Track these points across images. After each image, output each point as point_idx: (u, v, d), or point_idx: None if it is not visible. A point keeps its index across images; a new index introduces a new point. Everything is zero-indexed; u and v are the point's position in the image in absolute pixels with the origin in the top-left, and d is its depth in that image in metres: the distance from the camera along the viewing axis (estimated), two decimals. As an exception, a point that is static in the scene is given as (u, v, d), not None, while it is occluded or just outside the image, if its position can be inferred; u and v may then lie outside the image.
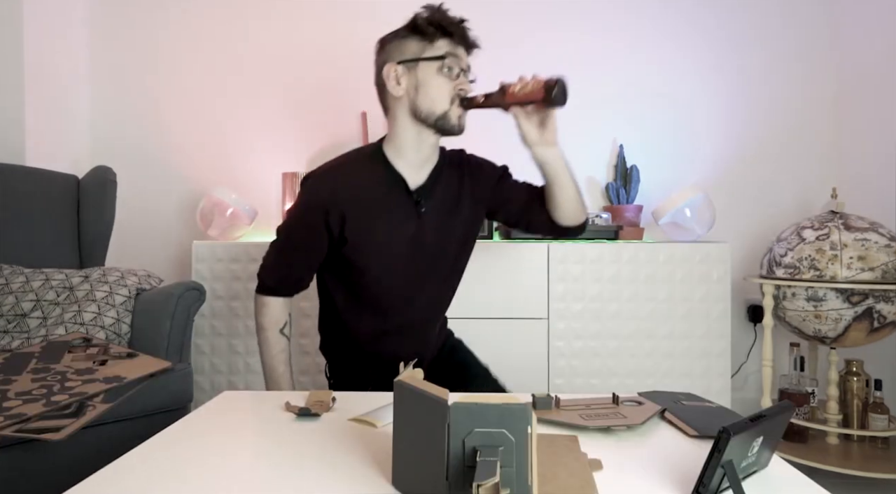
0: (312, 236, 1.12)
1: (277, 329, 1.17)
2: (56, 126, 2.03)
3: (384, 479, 0.66)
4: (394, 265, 1.14)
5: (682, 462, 0.73)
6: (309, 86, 2.17)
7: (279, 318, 1.17)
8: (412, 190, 1.14)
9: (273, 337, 1.17)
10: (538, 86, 1.01)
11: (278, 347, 1.17)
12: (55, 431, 1.00)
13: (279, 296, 1.18)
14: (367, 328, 1.19)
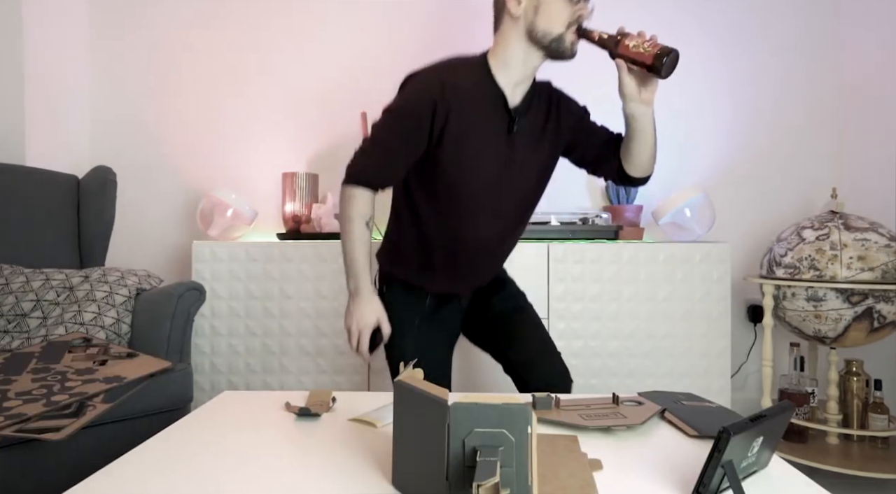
0: (417, 128, 1.10)
1: (364, 220, 1.15)
2: (56, 126, 2.03)
3: (384, 479, 0.66)
4: (482, 177, 1.14)
5: (682, 462, 0.73)
6: (309, 86, 2.17)
7: (366, 211, 1.15)
8: (510, 107, 1.14)
9: (359, 228, 1.14)
10: (651, 51, 1.03)
11: (362, 239, 1.15)
12: (55, 431, 1.00)
13: (369, 189, 1.15)
14: (443, 242, 1.19)
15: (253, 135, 2.18)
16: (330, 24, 2.17)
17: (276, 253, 1.81)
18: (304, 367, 1.81)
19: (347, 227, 1.15)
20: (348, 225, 1.15)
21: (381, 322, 1.16)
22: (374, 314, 1.15)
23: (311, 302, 1.80)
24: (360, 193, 1.14)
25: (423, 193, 1.18)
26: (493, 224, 1.20)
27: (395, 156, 1.13)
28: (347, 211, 1.15)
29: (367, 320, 1.14)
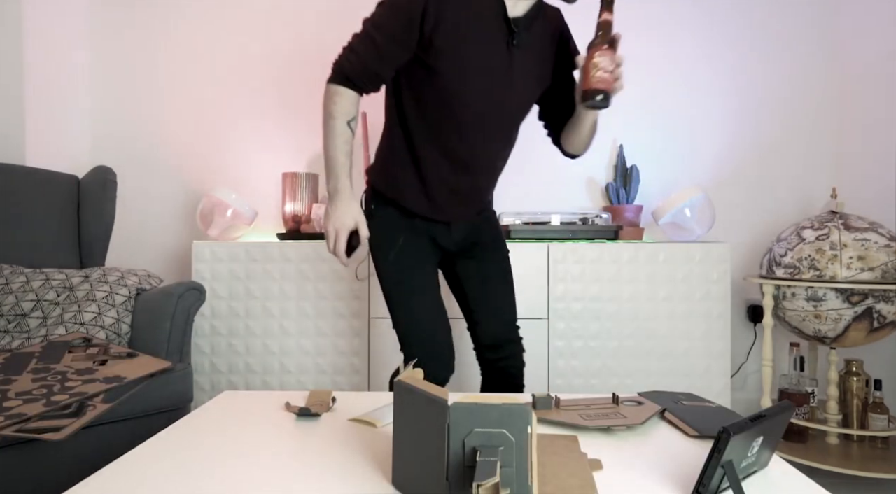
0: (406, 27, 1.09)
1: (346, 120, 1.14)
2: (56, 126, 2.03)
3: (384, 479, 0.66)
4: (476, 89, 1.13)
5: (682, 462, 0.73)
6: (309, 86, 2.17)
7: (349, 110, 1.14)
8: (510, 17, 1.12)
9: (340, 126, 1.13)
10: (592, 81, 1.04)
11: (343, 137, 1.14)
12: (55, 431, 1.00)
13: (353, 89, 1.14)
14: (433, 158, 1.18)
15: (253, 135, 2.18)
16: (330, 23, 2.17)
17: (276, 253, 1.81)
18: (304, 367, 1.81)
19: (329, 125, 1.14)
20: (330, 122, 1.13)
21: (359, 225, 1.15)
22: (352, 216, 1.14)
23: (311, 302, 1.80)
24: (343, 92, 1.13)
25: (415, 106, 1.16)
26: (484, 141, 1.19)
27: (383, 54, 1.11)
28: (329, 108, 1.13)
29: (345, 221, 1.13)
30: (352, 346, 1.80)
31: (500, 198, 2.16)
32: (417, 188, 1.21)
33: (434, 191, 1.21)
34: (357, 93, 1.15)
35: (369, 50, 1.11)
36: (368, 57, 1.11)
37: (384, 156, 1.25)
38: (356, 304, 1.80)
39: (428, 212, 1.23)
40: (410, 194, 1.22)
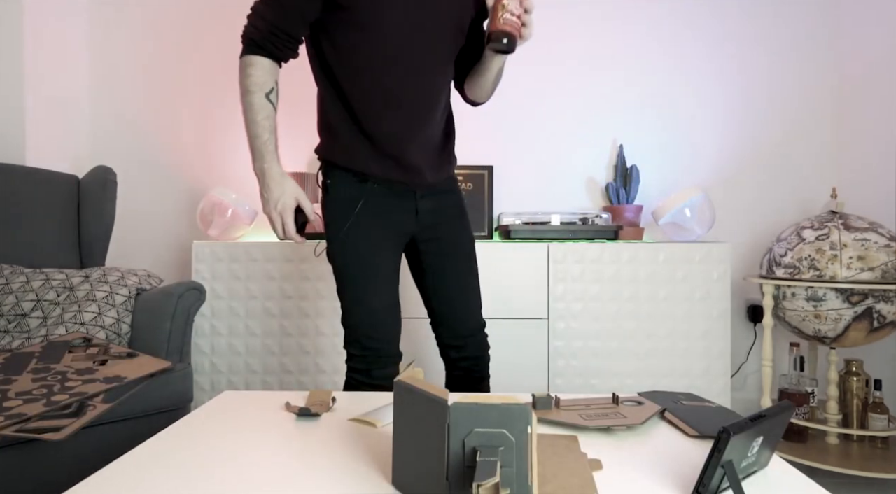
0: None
1: (263, 92, 1.07)
2: (56, 126, 2.03)
3: (384, 479, 0.66)
4: (391, 16, 1.06)
5: (682, 462, 0.73)
6: (309, 86, 2.17)
7: (265, 81, 1.07)
8: None
9: (258, 100, 1.07)
10: (495, 24, 1.02)
11: (263, 113, 1.07)
12: (55, 431, 1.01)
13: (265, 56, 1.07)
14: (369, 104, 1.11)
15: (253, 135, 2.17)
16: (330, 24, 2.16)
17: (276, 253, 1.81)
18: (304, 367, 1.81)
19: (246, 101, 1.07)
20: (246, 98, 1.07)
21: (300, 199, 1.10)
22: (290, 193, 1.09)
23: (310, 302, 1.80)
24: (256, 61, 1.06)
25: (337, 55, 1.10)
26: (417, 74, 1.11)
27: (287, 8, 1.04)
28: (244, 83, 1.07)
29: (285, 201, 1.08)
30: (352, 346, 1.80)
31: (501, 197, 2.16)
32: (367, 145, 1.13)
33: (384, 145, 1.13)
34: (273, 62, 1.08)
35: (273, 7, 1.05)
36: (273, 15, 1.05)
37: (324, 122, 1.17)
38: (356, 304, 1.80)
39: (383, 170, 1.14)
40: (361, 154, 1.13)
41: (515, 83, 2.16)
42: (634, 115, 2.17)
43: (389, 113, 1.12)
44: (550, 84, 2.16)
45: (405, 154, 1.15)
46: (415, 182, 1.18)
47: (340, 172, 1.15)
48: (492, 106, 2.15)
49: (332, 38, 1.09)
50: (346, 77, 1.10)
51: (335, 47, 1.09)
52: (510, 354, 1.78)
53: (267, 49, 1.07)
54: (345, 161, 1.14)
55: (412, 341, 1.79)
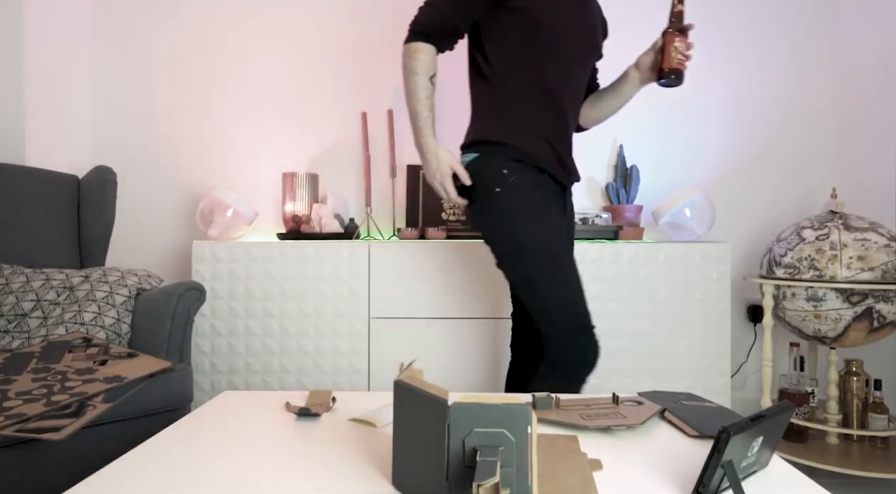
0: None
1: (428, 75, 1.16)
2: (56, 126, 2.03)
3: (384, 479, 0.66)
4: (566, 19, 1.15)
5: (682, 462, 0.73)
6: (309, 86, 2.17)
7: (430, 66, 1.16)
8: None
9: (423, 82, 1.16)
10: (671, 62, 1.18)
11: (426, 92, 1.16)
12: (55, 431, 1.00)
13: (432, 44, 1.17)
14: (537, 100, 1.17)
15: (253, 135, 2.18)
16: (330, 23, 2.17)
17: (276, 253, 1.81)
18: (304, 367, 1.81)
19: (412, 81, 1.16)
20: (412, 78, 1.16)
21: (454, 167, 1.17)
22: (446, 162, 1.16)
23: (311, 302, 1.80)
24: (423, 47, 1.15)
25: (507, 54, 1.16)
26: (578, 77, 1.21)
27: (461, 5, 1.14)
28: (411, 65, 1.15)
29: (443, 170, 1.16)
30: (352, 346, 1.80)
31: (500, 198, 2.16)
32: (539, 137, 1.18)
33: (553, 141, 1.19)
34: (436, 50, 1.17)
35: (448, 2, 1.14)
36: (448, 10, 1.14)
37: (494, 115, 1.20)
38: (356, 304, 1.80)
39: (555, 164, 1.20)
40: (537, 147, 1.18)
41: (515, 83, 2.15)
42: (634, 115, 2.17)
43: (555, 115, 1.19)
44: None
45: (563, 152, 1.21)
46: (567, 180, 1.24)
47: (519, 164, 1.17)
48: (492, 106, 2.15)
49: (501, 39, 1.17)
50: (515, 78, 1.17)
51: (505, 48, 1.16)
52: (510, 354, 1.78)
53: (435, 39, 1.16)
54: (522, 149, 1.17)
55: (412, 341, 1.79)
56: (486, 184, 1.17)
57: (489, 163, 1.18)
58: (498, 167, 1.16)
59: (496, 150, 1.18)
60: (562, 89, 1.18)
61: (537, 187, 1.17)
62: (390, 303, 1.79)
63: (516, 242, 1.15)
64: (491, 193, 1.16)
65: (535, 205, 1.16)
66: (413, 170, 2.08)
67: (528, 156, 1.17)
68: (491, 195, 1.17)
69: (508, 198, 1.15)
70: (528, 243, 1.14)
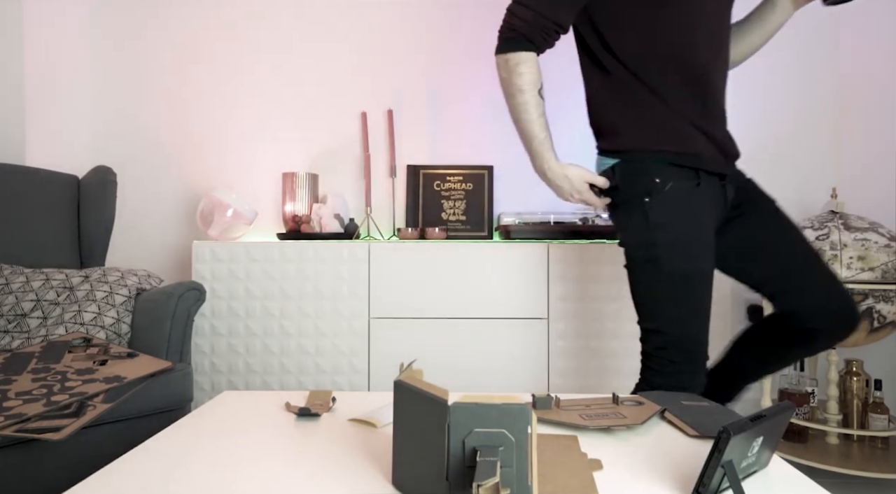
0: None
1: (536, 89, 1.03)
2: (56, 126, 2.03)
3: (384, 479, 0.66)
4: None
5: (682, 462, 0.73)
6: (309, 86, 2.17)
7: (536, 78, 1.02)
8: None
9: (533, 99, 1.02)
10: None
11: (538, 111, 1.03)
12: (55, 431, 1.00)
13: (532, 51, 1.02)
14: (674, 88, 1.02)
15: (253, 135, 2.18)
16: (330, 23, 2.17)
17: (276, 253, 1.81)
18: (304, 367, 1.81)
19: (518, 100, 1.03)
20: (519, 97, 1.02)
21: (590, 179, 1.06)
22: (577, 179, 1.06)
23: (311, 302, 1.80)
24: (525, 58, 1.01)
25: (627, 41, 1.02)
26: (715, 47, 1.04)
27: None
28: (514, 81, 1.02)
29: (577, 187, 1.06)
30: (352, 346, 1.80)
31: (501, 197, 2.16)
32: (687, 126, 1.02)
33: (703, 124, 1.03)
34: (537, 54, 1.03)
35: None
36: (543, 5, 0.99)
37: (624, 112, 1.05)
38: (356, 304, 1.80)
39: (713, 154, 1.04)
40: (689, 143, 1.02)
41: (515, 83, 2.15)
42: (634, 115, 2.16)
43: (697, 89, 1.03)
44: (549, 83, 2.16)
45: (715, 130, 1.05)
46: (727, 167, 1.08)
47: (674, 168, 1.03)
48: (492, 106, 2.15)
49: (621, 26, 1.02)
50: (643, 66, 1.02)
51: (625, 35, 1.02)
52: (510, 354, 1.78)
53: (535, 42, 1.02)
54: (676, 151, 1.03)
55: (412, 341, 1.79)
56: (635, 191, 1.05)
57: (637, 169, 1.05)
58: (650, 173, 1.03)
59: (645, 157, 1.04)
60: (703, 52, 1.01)
61: (694, 198, 1.03)
62: (390, 303, 1.79)
63: (654, 262, 1.04)
64: (639, 202, 1.04)
65: (686, 224, 1.02)
66: (413, 170, 2.08)
67: (682, 157, 1.02)
68: (639, 204, 1.04)
69: (659, 210, 1.03)
70: (666, 266, 1.03)
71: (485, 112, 2.15)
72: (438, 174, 2.08)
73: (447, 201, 2.06)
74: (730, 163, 1.09)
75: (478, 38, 2.15)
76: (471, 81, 2.15)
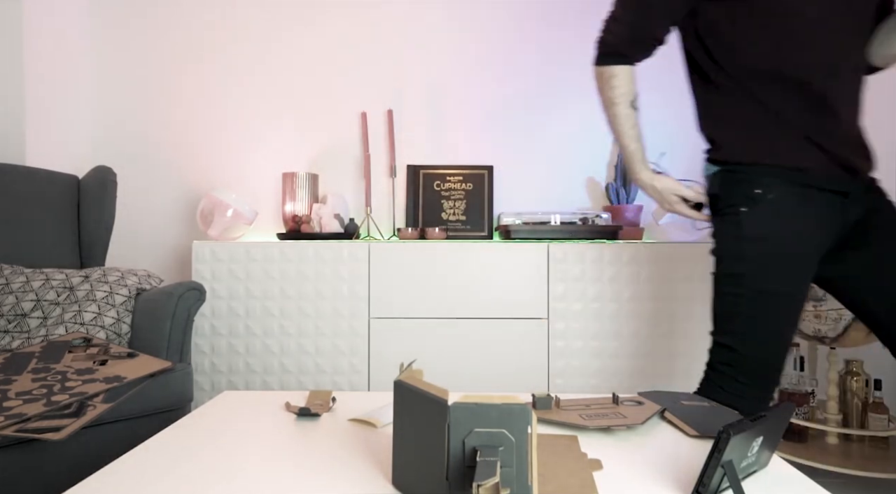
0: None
1: (629, 102, 1.04)
2: (56, 126, 2.03)
3: (384, 479, 0.66)
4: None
5: (682, 462, 0.73)
6: (309, 86, 2.17)
7: (629, 90, 1.04)
8: None
9: (625, 111, 1.04)
10: None
11: (630, 122, 1.05)
12: (55, 431, 1.00)
13: (627, 63, 1.04)
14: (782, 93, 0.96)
15: (253, 135, 2.18)
16: (330, 24, 2.17)
17: (276, 253, 1.81)
18: (304, 367, 1.81)
19: (612, 113, 1.06)
20: (612, 110, 1.05)
21: (679, 192, 1.08)
22: (668, 191, 1.08)
23: (311, 302, 1.80)
24: (618, 71, 1.03)
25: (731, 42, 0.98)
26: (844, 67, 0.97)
27: (657, 8, 0.99)
28: (608, 94, 1.04)
29: (667, 198, 1.09)
30: (352, 346, 1.80)
31: (501, 197, 2.16)
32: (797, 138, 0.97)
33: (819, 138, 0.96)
34: (632, 67, 1.05)
35: (639, 10, 1.00)
36: (637, 20, 1.00)
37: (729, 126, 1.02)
38: (356, 304, 1.80)
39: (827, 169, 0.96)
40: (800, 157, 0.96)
41: (515, 82, 2.16)
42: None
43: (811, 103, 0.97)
44: (551, 83, 2.16)
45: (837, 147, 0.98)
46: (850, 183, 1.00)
47: (778, 180, 0.98)
48: (491, 106, 2.15)
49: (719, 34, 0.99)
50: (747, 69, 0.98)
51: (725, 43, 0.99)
52: (510, 354, 1.78)
53: (630, 56, 1.04)
54: (777, 162, 0.98)
55: (412, 341, 1.79)
56: (734, 202, 1.01)
57: (737, 178, 1.01)
58: (750, 183, 0.99)
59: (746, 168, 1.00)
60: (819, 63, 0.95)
61: (796, 214, 0.97)
62: (390, 303, 1.79)
63: (739, 276, 0.99)
64: (736, 212, 1.00)
65: (782, 240, 0.96)
66: (413, 170, 2.08)
67: (785, 170, 0.97)
68: (735, 214, 1.00)
69: (754, 222, 0.98)
70: (750, 282, 0.98)
71: (485, 112, 2.15)
72: (438, 174, 2.08)
73: (447, 201, 2.06)
74: (857, 180, 1.00)
75: (478, 37, 2.15)
76: (471, 81, 2.15)
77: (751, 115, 1.00)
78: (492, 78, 2.15)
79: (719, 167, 1.06)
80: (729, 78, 1.01)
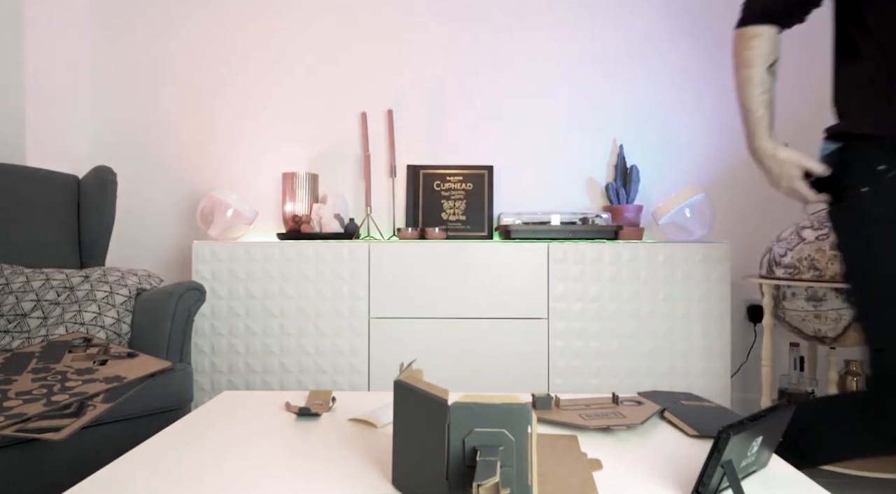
0: None
1: (766, 65, 0.97)
2: (56, 126, 2.03)
3: (384, 479, 0.66)
4: None
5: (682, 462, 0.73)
6: (309, 86, 2.17)
7: (770, 52, 0.96)
8: None
9: (760, 74, 0.96)
10: None
11: (762, 87, 0.97)
12: (55, 431, 1.00)
13: (774, 24, 0.97)
14: None
15: (253, 135, 2.18)
16: (330, 24, 2.17)
17: (276, 253, 1.81)
18: (304, 367, 1.81)
19: (744, 75, 0.97)
20: (745, 71, 0.97)
21: (803, 164, 0.97)
22: (789, 165, 0.98)
23: (311, 302, 1.80)
24: (762, 31, 0.96)
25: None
26: None
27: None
28: (744, 55, 0.96)
29: (787, 172, 0.98)
30: (352, 346, 1.80)
31: (501, 197, 2.16)
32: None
33: None
34: (778, 30, 0.97)
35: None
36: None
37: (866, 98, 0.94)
38: (356, 304, 1.80)
39: None
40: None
41: (515, 83, 2.16)
42: (635, 115, 2.17)
43: None
44: (551, 84, 2.16)
45: None
46: None
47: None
48: (492, 106, 2.15)
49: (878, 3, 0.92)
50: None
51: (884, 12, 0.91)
52: (510, 354, 1.78)
53: (780, 16, 0.97)
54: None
55: (412, 341, 1.79)
56: (853, 181, 0.93)
57: (858, 155, 0.93)
58: (871, 160, 0.91)
59: (870, 142, 0.92)
60: None
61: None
62: (390, 303, 1.79)
63: (871, 264, 0.91)
64: (855, 193, 0.93)
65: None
66: (413, 169, 2.08)
67: None
68: (855, 195, 0.93)
69: (880, 201, 0.90)
70: (887, 270, 0.89)
71: (485, 112, 2.15)
72: (438, 174, 2.08)
73: (447, 201, 2.06)
74: None
75: (477, 37, 2.15)
76: (471, 81, 2.15)
77: (890, 88, 0.92)
78: (492, 78, 2.15)
79: (838, 143, 0.98)
80: (877, 48, 0.92)
